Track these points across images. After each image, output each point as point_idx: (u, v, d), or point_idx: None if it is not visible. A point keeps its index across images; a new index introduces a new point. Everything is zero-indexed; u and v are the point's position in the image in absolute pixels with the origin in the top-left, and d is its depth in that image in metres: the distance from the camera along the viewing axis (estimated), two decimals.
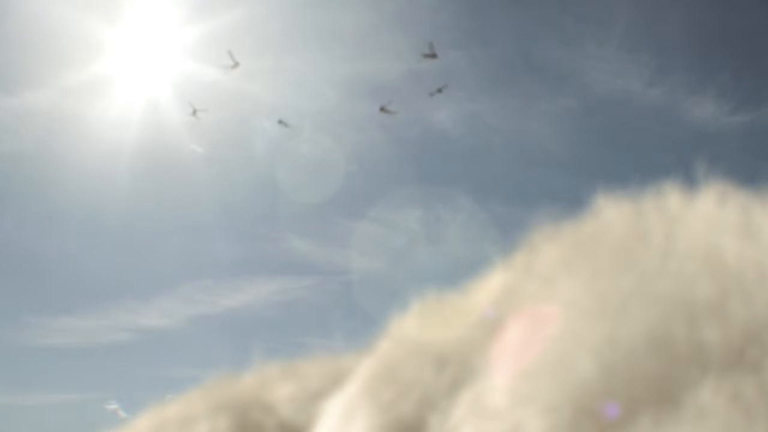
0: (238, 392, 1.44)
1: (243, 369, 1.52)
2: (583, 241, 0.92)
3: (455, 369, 0.97)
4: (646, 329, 0.75)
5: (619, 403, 0.72)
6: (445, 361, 1.01)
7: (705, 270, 0.78)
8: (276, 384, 1.43)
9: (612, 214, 0.94)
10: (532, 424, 0.76)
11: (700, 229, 0.84)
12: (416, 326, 1.14)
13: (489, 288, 1.05)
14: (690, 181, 0.98)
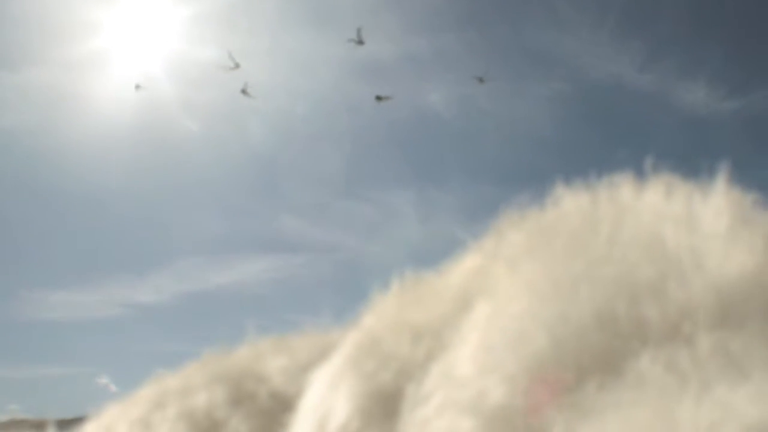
0: (233, 364, 1.55)
1: (235, 344, 1.62)
2: (543, 228, 1.02)
3: (429, 343, 1.07)
4: (593, 308, 0.85)
5: (569, 372, 0.82)
6: (420, 336, 1.11)
7: (647, 256, 0.88)
8: (268, 357, 1.53)
9: (570, 203, 1.04)
10: (494, 392, 0.86)
11: (646, 219, 0.94)
12: (395, 303, 1.24)
13: (461, 269, 1.15)
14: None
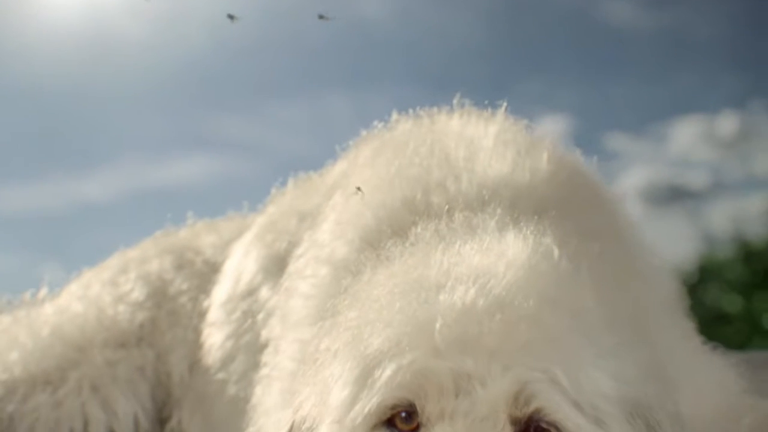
0: (177, 240, 2.05)
1: (178, 228, 2.13)
2: (381, 144, 1.49)
3: (309, 221, 1.56)
4: (401, 197, 1.30)
5: (383, 236, 1.27)
6: (304, 218, 1.61)
7: (437, 163, 1.34)
8: (203, 235, 2.04)
9: (401, 126, 1.51)
10: (340, 250, 1.33)
11: (444, 138, 1.41)
12: (289, 196, 1.76)
13: (333, 172, 1.64)
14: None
